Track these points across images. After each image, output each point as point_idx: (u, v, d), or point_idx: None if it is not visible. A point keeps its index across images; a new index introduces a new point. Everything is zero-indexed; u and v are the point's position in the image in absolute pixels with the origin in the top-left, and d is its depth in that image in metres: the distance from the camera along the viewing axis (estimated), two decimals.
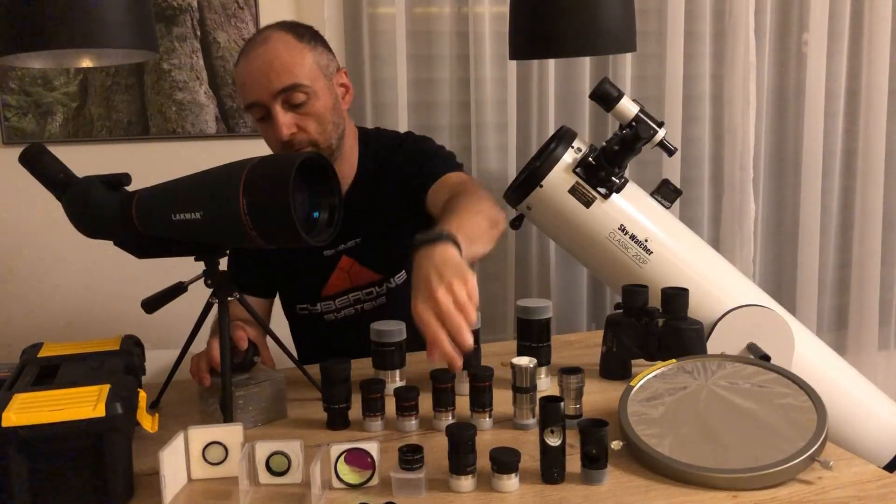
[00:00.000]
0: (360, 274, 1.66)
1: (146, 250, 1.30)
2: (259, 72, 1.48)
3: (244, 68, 1.51)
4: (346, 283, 1.67)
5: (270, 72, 1.47)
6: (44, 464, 1.02)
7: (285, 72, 1.48)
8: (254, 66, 1.49)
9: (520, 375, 1.25)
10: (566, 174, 1.78)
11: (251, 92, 1.50)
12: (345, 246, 1.64)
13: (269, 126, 1.51)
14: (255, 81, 1.49)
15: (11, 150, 1.95)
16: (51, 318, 2.09)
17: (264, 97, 1.48)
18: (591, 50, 1.74)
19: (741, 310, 1.77)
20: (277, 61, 1.48)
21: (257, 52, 1.50)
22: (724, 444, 1.12)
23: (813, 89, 2.47)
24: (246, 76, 1.51)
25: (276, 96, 1.48)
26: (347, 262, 1.65)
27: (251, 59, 1.50)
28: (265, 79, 1.48)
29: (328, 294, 1.67)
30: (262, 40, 1.52)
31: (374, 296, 1.68)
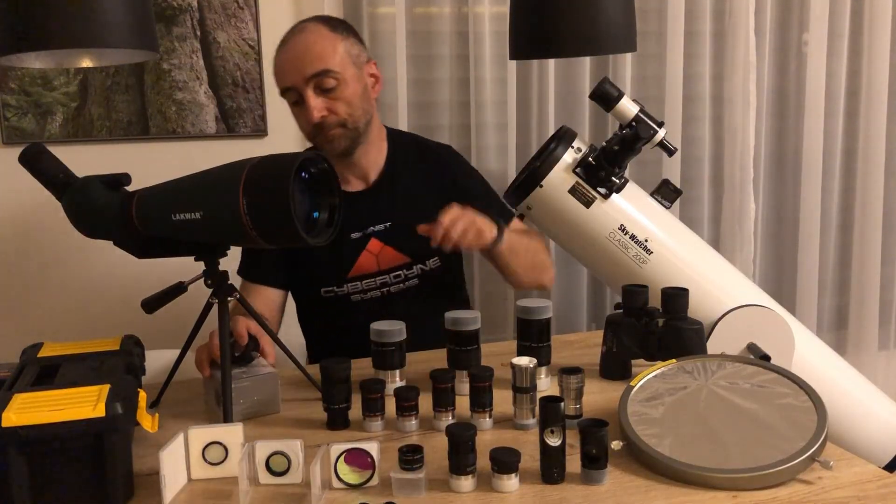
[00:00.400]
0: (389, 257, 1.72)
1: (146, 250, 1.30)
2: (294, 58, 1.61)
3: (281, 56, 1.64)
4: (373, 265, 1.71)
5: (304, 58, 1.60)
6: (44, 464, 1.02)
7: (317, 59, 1.60)
8: (289, 54, 1.62)
9: (520, 375, 1.25)
10: (566, 174, 1.78)
11: (286, 77, 1.63)
12: (374, 229, 1.72)
13: (302, 110, 1.64)
14: (290, 67, 1.62)
15: (11, 150, 1.95)
16: (51, 318, 2.09)
17: (297, 82, 1.61)
18: (591, 50, 1.74)
19: (741, 310, 1.77)
20: (311, 49, 1.61)
21: (293, 41, 1.63)
22: (724, 444, 1.12)
23: (813, 89, 2.47)
24: (282, 63, 1.64)
25: (308, 81, 1.60)
26: (377, 245, 1.72)
27: (288, 47, 1.64)
28: (299, 64, 1.60)
29: (355, 275, 1.71)
30: (298, 30, 1.65)
31: (401, 279, 1.72)
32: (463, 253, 1.81)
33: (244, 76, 2.12)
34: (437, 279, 1.76)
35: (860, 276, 2.63)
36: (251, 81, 2.12)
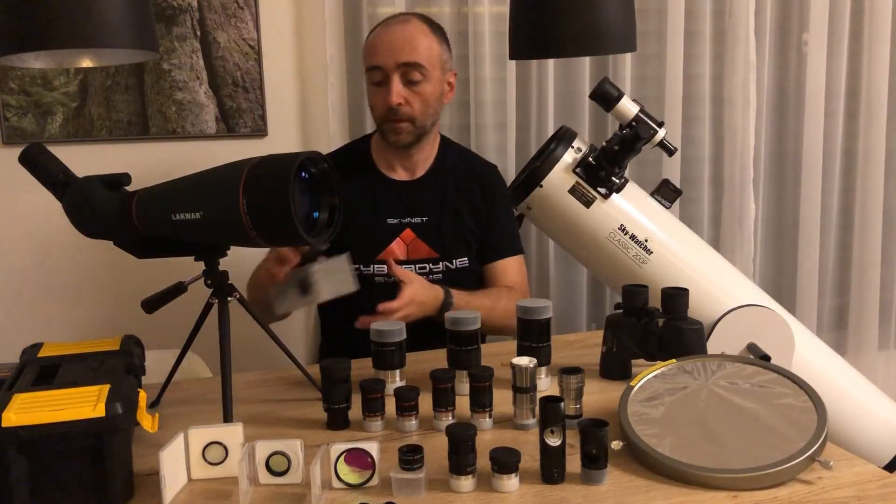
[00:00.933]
0: (419, 249, 1.80)
1: (146, 250, 1.30)
2: (391, 42, 1.71)
3: (379, 36, 1.73)
4: (403, 253, 1.80)
5: (403, 46, 1.70)
6: (44, 464, 1.02)
7: (413, 50, 1.71)
8: (388, 37, 1.72)
9: (520, 375, 1.25)
10: (566, 174, 1.78)
11: (378, 56, 1.71)
12: (411, 220, 1.80)
13: (381, 91, 1.73)
14: (385, 48, 1.71)
15: (11, 150, 1.95)
16: (51, 318, 2.09)
17: (388, 63, 1.70)
18: (591, 50, 1.74)
19: (741, 310, 1.78)
20: (410, 40, 1.71)
21: (395, 27, 1.73)
22: (724, 444, 1.12)
23: (813, 89, 2.47)
24: (378, 43, 1.72)
25: (399, 67, 1.70)
26: (410, 235, 1.80)
27: (389, 30, 1.73)
28: (396, 49, 1.70)
29: (383, 259, 1.76)
30: (402, 20, 1.76)
31: (426, 272, 1.79)
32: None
33: (244, 76, 2.12)
34: (461, 278, 1.81)
35: (860, 276, 2.63)
36: (251, 81, 2.12)
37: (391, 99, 1.70)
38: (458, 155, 1.92)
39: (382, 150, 1.84)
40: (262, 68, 2.12)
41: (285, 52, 2.15)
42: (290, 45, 2.16)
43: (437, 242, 1.81)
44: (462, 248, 1.83)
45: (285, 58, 2.15)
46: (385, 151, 1.83)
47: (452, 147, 1.92)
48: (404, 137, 1.76)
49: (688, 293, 1.47)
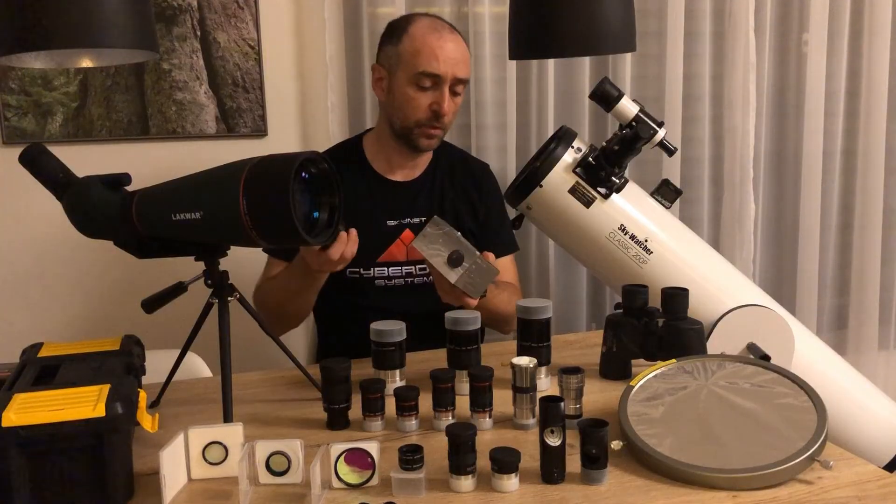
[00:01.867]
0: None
1: (146, 250, 1.30)
2: (453, 53, 1.72)
3: (435, 42, 1.71)
4: (402, 255, 1.80)
5: (460, 60, 1.74)
6: (44, 464, 1.02)
7: (467, 66, 1.77)
8: (447, 48, 1.72)
9: (520, 375, 1.25)
10: (566, 174, 1.78)
11: (440, 65, 1.71)
12: (409, 221, 1.80)
13: (427, 95, 1.73)
14: (445, 59, 1.71)
15: (11, 150, 1.95)
16: (51, 318, 2.09)
17: (448, 74, 1.72)
18: (591, 50, 1.74)
19: (741, 310, 1.77)
20: (465, 56, 1.76)
21: (450, 37, 1.74)
22: (724, 444, 1.12)
23: (813, 89, 2.47)
24: (439, 51, 1.71)
25: (454, 80, 1.73)
26: (409, 236, 1.80)
27: (445, 40, 1.72)
28: (456, 62, 1.72)
29: (384, 261, 1.78)
30: (450, 30, 1.76)
31: (426, 272, 1.79)
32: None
33: (244, 76, 2.12)
34: None
35: (860, 276, 2.63)
36: (251, 81, 2.12)
37: (443, 108, 1.72)
38: (452, 154, 1.93)
39: (381, 151, 1.83)
40: (262, 68, 2.12)
41: (285, 52, 2.15)
42: (290, 45, 2.15)
43: None
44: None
45: (285, 58, 2.15)
46: (386, 151, 1.83)
47: (447, 147, 1.93)
48: (432, 143, 1.78)
49: (688, 293, 1.46)
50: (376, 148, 1.84)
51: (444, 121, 1.75)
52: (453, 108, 1.76)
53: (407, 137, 1.77)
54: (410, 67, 1.72)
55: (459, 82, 1.74)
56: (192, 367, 1.69)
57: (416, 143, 1.77)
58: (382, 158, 1.83)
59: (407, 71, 1.72)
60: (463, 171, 1.90)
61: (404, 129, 1.76)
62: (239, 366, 1.37)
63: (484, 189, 1.90)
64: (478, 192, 1.89)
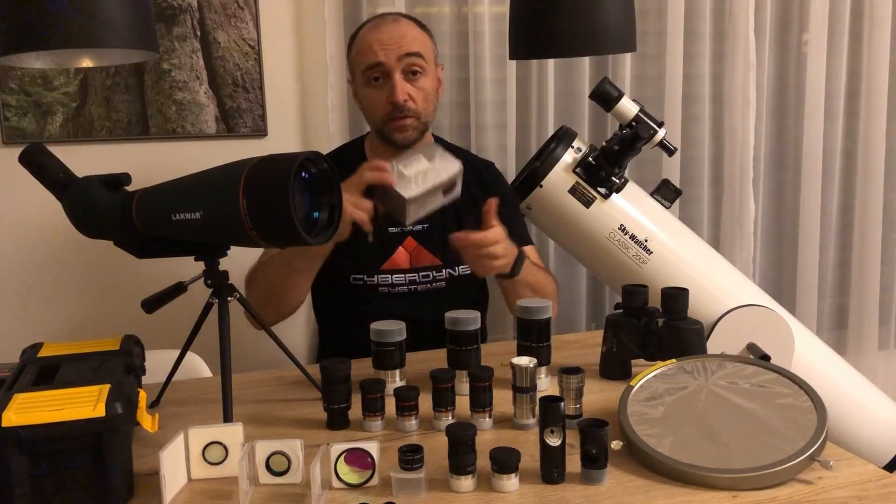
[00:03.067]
0: (422, 256, 1.78)
1: (146, 250, 1.30)
2: (389, 38, 1.68)
3: (372, 35, 1.70)
4: (406, 262, 1.77)
5: (401, 40, 1.68)
6: (44, 464, 1.02)
7: (413, 42, 1.70)
8: (384, 34, 1.69)
9: (520, 375, 1.25)
10: (566, 174, 1.78)
11: (377, 53, 1.68)
12: (412, 228, 1.76)
13: (381, 89, 1.70)
14: (382, 45, 1.68)
15: (11, 150, 1.95)
16: (51, 318, 2.09)
17: (390, 59, 1.67)
18: (591, 50, 1.74)
19: (741, 310, 1.78)
20: (408, 34, 1.70)
21: (388, 25, 1.71)
22: (724, 444, 1.12)
23: (813, 89, 2.47)
24: (373, 41, 1.69)
25: (401, 60, 1.67)
26: (412, 243, 1.78)
27: (381, 29, 1.70)
28: (394, 44, 1.67)
29: (387, 269, 1.76)
30: (391, 19, 1.73)
31: (430, 279, 1.77)
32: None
33: (244, 76, 2.12)
34: (464, 285, 1.80)
35: (860, 276, 2.63)
36: (251, 81, 2.12)
37: (396, 95, 1.67)
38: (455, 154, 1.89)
39: (380, 155, 1.78)
40: (262, 68, 2.12)
41: (285, 52, 2.15)
42: (290, 45, 2.16)
43: (440, 249, 1.78)
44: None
45: (285, 58, 2.15)
46: (381, 155, 1.78)
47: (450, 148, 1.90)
48: (410, 134, 1.73)
49: (688, 293, 1.47)
50: (375, 151, 1.82)
51: (409, 106, 1.69)
52: (418, 94, 1.70)
53: (385, 137, 1.75)
54: (359, 68, 1.72)
55: (412, 59, 1.68)
56: (192, 367, 1.69)
57: (392, 139, 1.73)
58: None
59: (359, 73, 1.73)
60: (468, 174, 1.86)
61: (379, 131, 1.75)
62: (239, 366, 1.37)
63: (490, 187, 1.86)
64: (483, 192, 1.84)
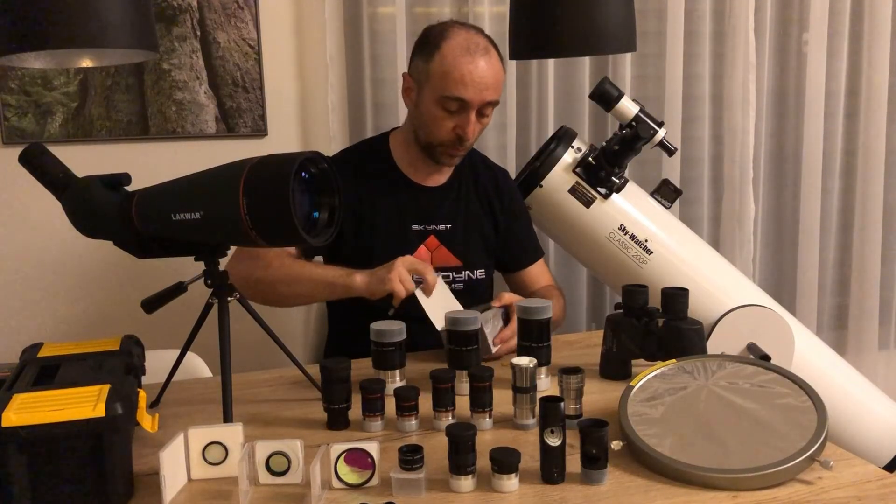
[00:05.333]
0: (443, 256, 1.78)
1: (146, 250, 1.29)
2: (483, 78, 1.65)
3: (465, 66, 1.64)
4: (427, 261, 1.76)
5: (491, 84, 1.66)
6: (44, 464, 1.02)
7: (496, 88, 1.68)
8: (478, 70, 1.64)
9: (520, 375, 1.25)
10: (566, 174, 1.78)
11: (466, 91, 1.64)
12: (435, 227, 1.78)
13: (453, 118, 1.68)
14: (475, 84, 1.64)
15: (11, 150, 1.95)
16: (51, 318, 2.09)
17: (475, 100, 1.66)
18: (591, 50, 1.74)
19: (741, 310, 1.78)
20: (496, 77, 1.67)
21: (483, 61, 1.65)
22: (725, 444, 1.12)
23: (813, 89, 2.47)
24: (467, 75, 1.64)
25: (483, 103, 1.67)
26: (434, 242, 1.78)
27: (477, 63, 1.65)
28: (483, 87, 1.65)
29: None
30: (484, 49, 1.67)
31: (449, 280, 1.77)
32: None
33: (244, 76, 2.12)
34: (479, 289, 1.81)
35: (860, 276, 2.63)
36: (251, 81, 2.12)
37: (468, 133, 1.68)
38: (476, 160, 1.89)
39: (409, 154, 1.79)
40: (262, 68, 2.13)
41: (285, 52, 2.15)
42: (290, 45, 2.16)
43: (461, 251, 1.79)
44: (481, 257, 1.82)
45: (285, 58, 2.15)
46: (412, 154, 1.78)
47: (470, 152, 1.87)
48: (456, 161, 1.76)
49: (688, 293, 1.47)
50: (403, 149, 1.80)
51: (469, 142, 1.72)
52: (479, 129, 1.72)
53: (430, 153, 1.74)
54: (438, 89, 1.66)
55: (488, 105, 1.69)
56: (192, 367, 1.69)
57: (439, 160, 1.74)
58: (408, 162, 1.79)
59: (434, 91, 1.67)
60: (486, 176, 1.87)
61: (428, 146, 1.73)
62: (239, 366, 1.37)
63: (505, 196, 1.86)
64: (499, 200, 1.85)
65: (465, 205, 1.82)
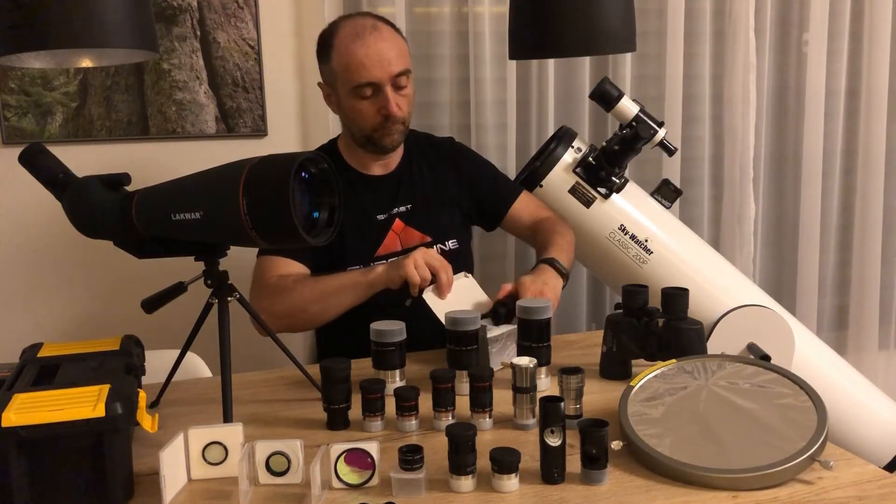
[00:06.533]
0: (411, 236, 1.81)
1: (146, 250, 1.30)
2: (381, 57, 1.68)
3: (359, 51, 1.68)
4: (397, 244, 1.80)
5: (391, 56, 1.68)
6: (44, 464, 1.02)
7: (400, 58, 1.70)
8: (371, 50, 1.67)
9: (520, 375, 1.25)
10: (566, 174, 1.78)
11: (371, 72, 1.67)
12: (398, 210, 1.81)
13: (372, 103, 1.71)
14: (374, 64, 1.67)
15: (11, 150, 1.95)
16: (51, 318, 2.09)
17: (383, 78, 1.68)
18: (591, 50, 1.74)
19: (741, 310, 1.78)
20: (394, 48, 1.70)
21: (374, 38, 1.68)
22: (724, 444, 1.12)
23: (813, 89, 2.47)
24: (366, 59, 1.68)
25: (391, 77, 1.68)
26: (399, 225, 1.81)
27: (369, 43, 1.68)
28: (386, 62, 1.68)
29: (381, 255, 1.77)
30: (371, 27, 1.70)
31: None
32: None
33: (244, 76, 2.12)
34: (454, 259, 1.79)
35: (860, 276, 2.63)
36: (251, 81, 2.12)
37: (391, 109, 1.70)
38: (421, 140, 1.93)
39: (354, 151, 1.83)
40: (262, 68, 2.13)
41: (285, 52, 2.15)
42: (290, 45, 2.16)
43: (427, 226, 1.82)
44: (450, 228, 1.84)
45: (285, 58, 2.15)
46: (357, 153, 1.82)
47: (414, 134, 1.92)
48: (397, 139, 1.77)
49: (688, 293, 1.47)
50: (349, 150, 1.84)
51: (398, 116, 1.72)
52: (404, 101, 1.73)
53: (371, 143, 1.76)
54: (347, 82, 1.70)
55: (401, 77, 1.70)
56: (192, 367, 1.69)
57: (382, 145, 1.76)
58: (356, 158, 1.83)
59: (345, 86, 1.71)
60: (434, 153, 1.90)
61: (364, 138, 1.76)
62: (239, 366, 1.37)
63: (460, 163, 1.90)
64: (455, 170, 1.89)
65: (419, 181, 1.85)
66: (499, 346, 1.48)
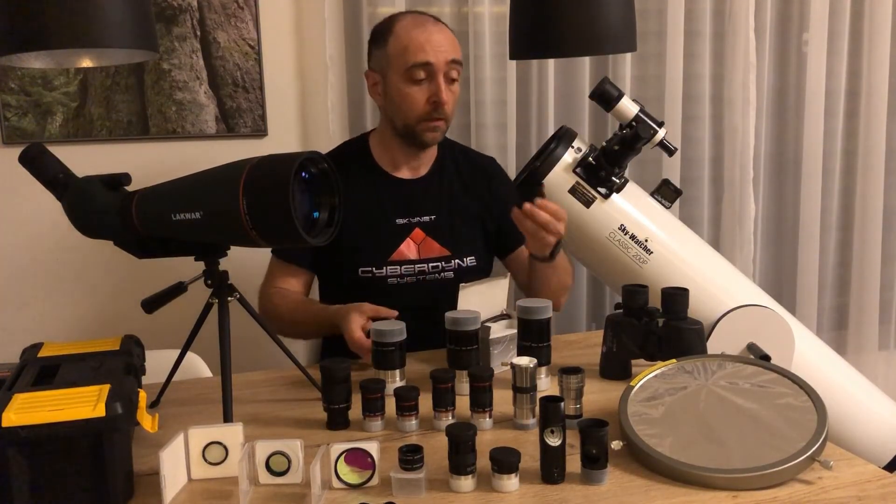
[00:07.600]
0: (430, 247, 1.80)
1: (146, 250, 1.30)
2: (440, 40, 1.70)
3: (420, 34, 1.70)
4: (414, 253, 1.79)
5: (450, 44, 1.72)
6: (44, 464, 1.02)
7: (455, 48, 1.73)
8: (433, 35, 1.70)
9: (520, 375, 1.25)
10: (566, 174, 1.78)
11: (429, 53, 1.69)
12: (419, 219, 1.80)
13: (423, 89, 1.71)
14: (434, 47, 1.69)
15: (11, 150, 1.95)
16: (51, 318, 2.09)
17: (439, 61, 1.69)
18: (591, 50, 1.74)
19: (741, 310, 1.77)
20: (452, 41, 1.73)
21: (436, 28, 1.72)
22: (724, 444, 1.12)
23: (813, 89, 2.47)
24: (425, 40, 1.69)
25: (448, 65, 1.71)
26: (420, 234, 1.80)
27: (428, 29, 1.71)
28: (446, 47, 1.70)
29: (395, 260, 1.77)
30: (433, 21, 1.74)
31: (438, 270, 1.79)
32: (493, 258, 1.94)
33: (244, 76, 2.12)
34: (470, 276, 1.79)
35: (860, 276, 2.63)
36: (251, 81, 2.12)
37: (441, 95, 1.69)
38: (458, 151, 1.92)
39: (387, 149, 1.82)
40: (262, 68, 2.13)
41: (285, 52, 2.15)
42: (290, 45, 2.16)
43: (448, 240, 1.81)
44: (471, 245, 1.83)
45: (285, 58, 2.16)
46: (391, 150, 1.81)
47: (451, 145, 1.92)
48: (437, 135, 1.76)
49: (688, 293, 1.46)
50: (381, 147, 1.83)
51: (445, 110, 1.72)
52: (452, 96, 1.73)
53: (411, 135, 1.75)
54: (401, 64, 1.70)
55: (454, 67, 1.72)
56: (192, 367, 1.69)
57: (422, 139, 1.75)
58: (388, 157, 1.82)
59: (399, 68, 1.70)
60: (471, 168, 1.89)
61: (407, 128, 1.75)
62: (239, 366, 1.37)
63: (496, 183, 1.90)
64: (489, 190, 1.88)
65: (448, 194, 1.84)
66: (501, 347, 1.48)
